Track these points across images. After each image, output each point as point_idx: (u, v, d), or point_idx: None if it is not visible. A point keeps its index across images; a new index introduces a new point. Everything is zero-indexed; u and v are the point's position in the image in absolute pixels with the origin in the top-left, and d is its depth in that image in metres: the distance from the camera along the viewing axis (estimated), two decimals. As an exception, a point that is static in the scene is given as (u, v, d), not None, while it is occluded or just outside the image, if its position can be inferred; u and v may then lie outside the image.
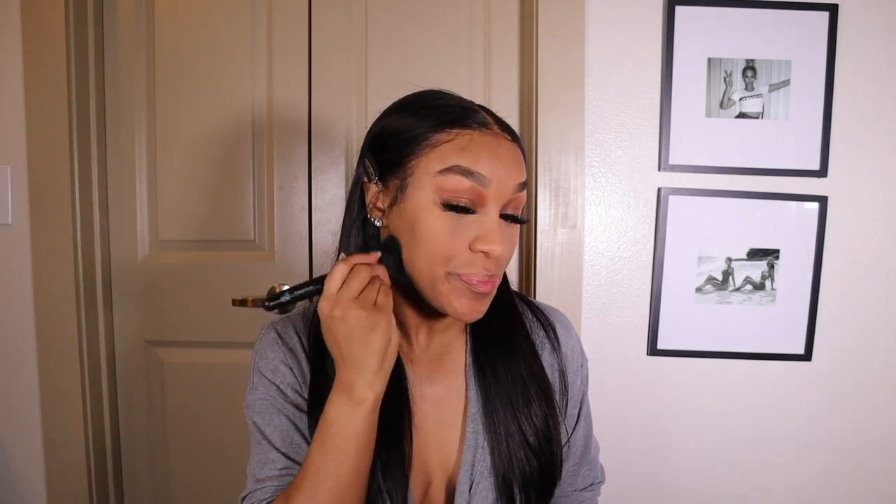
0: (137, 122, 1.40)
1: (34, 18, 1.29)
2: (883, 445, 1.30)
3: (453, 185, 0.64)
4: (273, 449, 0.73)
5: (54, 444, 1.38)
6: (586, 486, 0.87)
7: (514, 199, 0.67)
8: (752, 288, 1.27)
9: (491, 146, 0.65)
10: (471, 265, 0.66)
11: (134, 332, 1.44)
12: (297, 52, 1.37)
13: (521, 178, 0.67)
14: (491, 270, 0.67)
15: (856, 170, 1.25)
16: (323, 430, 0.65)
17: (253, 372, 0.76)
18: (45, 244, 1.33)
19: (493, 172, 0.64)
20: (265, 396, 0.75)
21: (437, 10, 1.35)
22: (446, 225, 0.65)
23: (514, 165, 0.67)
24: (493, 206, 0.66)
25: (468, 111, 0.68)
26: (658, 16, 1.25)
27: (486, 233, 0.65)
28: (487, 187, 0.64)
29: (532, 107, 1.28)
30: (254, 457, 0.74)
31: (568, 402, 0.82)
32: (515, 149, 0.68)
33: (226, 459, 1.43)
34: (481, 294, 0.67)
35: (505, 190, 0.66)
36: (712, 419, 1.31)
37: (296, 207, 1.39)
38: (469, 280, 0.66)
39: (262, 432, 0.74)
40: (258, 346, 0.77)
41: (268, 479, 0.72)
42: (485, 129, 0.66)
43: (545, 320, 0.83)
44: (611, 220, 1.29)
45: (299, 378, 0.75)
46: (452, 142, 0.65)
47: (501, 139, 0.67)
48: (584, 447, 0.86)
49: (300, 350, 0.76)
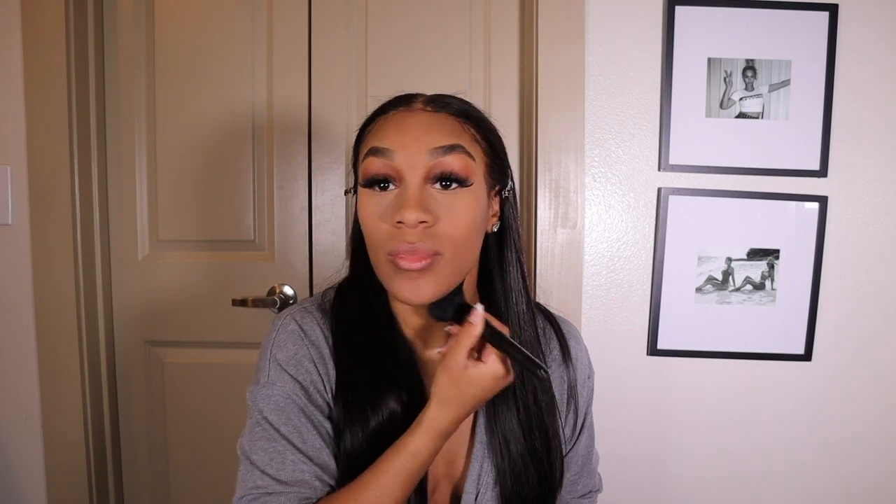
0: (137, 122, 1.40)
1: (34, 18, 1.29)
2: (883, 445, 1.30)
3: (368, 166, 0.67)
4: (294, 450, 0.68)
5: (54, 444, 1.38)
6: (584, 494, 0.87)
7: (436, 163, 0.65)
8: (752, 288, 1.27)
9: (397, 120, 0.67)
10: (392, 239, 0.65)
11: (134, 332, 1.44)
12: (297, 53, 1.37)
13: (437, 141, 0.65)
14: (411, 240, 0.64)
15: (856, 170, 1.25)
16: (408, 467, 0.64)
17: (269, 363, 0.71)
18: (45, 244, 1.33)
19: (397, 143, 0.65)
20: (286, 393, 0.70)
21: (437, 11, 1.35)
22: (371, 206, 0.67)
23: (424, 130, 0.66)
24: (412, 175, 0.65)
25: (397, 100, 0.70)
26: (658, 16, 1.25)
27: (401, 202, 0.65)
28: (393, 159, 0.65)
29: (532, 107, 1.28)
30: (262, 452, 0.69)
31: (573, 413, 0.82)
32: (437, 116, 0.68)
33: (226, 459, 1.43)
34: (412, 271, 0.64)
35: (417, 157, 0.65)
36: (712, 419, 1.31)
37: (296, 207, 1.39)
38: (395, 257, 0.65)
39: (278, 430, 0.69)
40: (276, 337, 0.73)
41: (295, 484, 0.67)
42: (402, 108, 0.68)
43: (559, 330, 0.84)
44: (611, 220, 1.29)
45: (323, 376, 0.71)
46: (372, 131, 0.69)
47: (416, 112, 0.68)
48: (586, 457, 0.86)
49: (324, 345, 0.73)
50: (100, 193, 1.40)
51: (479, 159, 0.69)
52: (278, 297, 1.38)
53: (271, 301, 1.37)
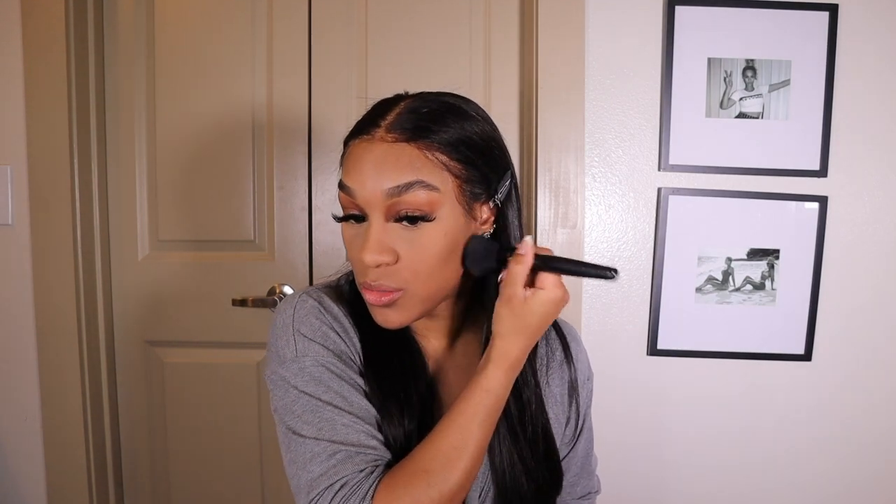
0: (137, 123, 1.40)
1: (34, 18, 1.29)
2: (883, 445, 1.30)
3: (341, 198, 0.67)
4: (343, 412, 0.64)
5: (54, 444, 1.38)
6: (583, 496, 0.87)
7: (393, 203, 0.63)
8: (752, 288, 1.27)
9: (358, 156, 0.65)
10: (360, 274, 0.67)
11: (134, 332, 1.44)
12: (297, 52, 1.37)
13: (392, 180, 0.63)
14: (373, 279, 0.65)
15: (856, 170, 1.25)
16: (485, 403, 0.63)
17: (294, 338, 0.69)
18: (45, 244, 1.33)
19: (356, 181, 0.64)
20: (318, 363, 0.67)
21: (438, 11, 1.34)
22: (347, 235, 0.68)
23: (382, 168, 0.63)
24: (373, 213, 0.64)
25: (365, 122, 0.68)
26: (658, 16, 1.25)
27: (362, 242, 0.65)
28: (355, 197, 0.65)
29: (532, 107, 1.28)
30: (310, 425, 0.63)
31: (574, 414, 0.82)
32: (396, 149, 0.64)
33: (226, 459, 1.43)
34: (376, 305, 0.67)
35: (374, 196, 0.63)
36: (712, 419, 1.31)
37: (296, 207, 1.39)
38: (363, 289, 0.67)
39: (320, 399, 0.65)
40: (296, 314, 0.70)
41: (361, 446, 0.63)
42: (364, 136, 0.66)
43: (560, 332, 0.84)
44: (611, 220, 1.29)
45: (350, 347, 0.70)
46: (344, 158, 0.69)
47: (376, 143, 0.65)
48: (585, 459, 0.86)
49: (345, 320, 0.72)
50: (100, 193, 1.40)
51: (449, 185, 0.65)
52: (278, 297, 1.38)
53: (271, 301, 1.37)
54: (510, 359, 0.65)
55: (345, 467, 0.61)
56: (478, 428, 0.63)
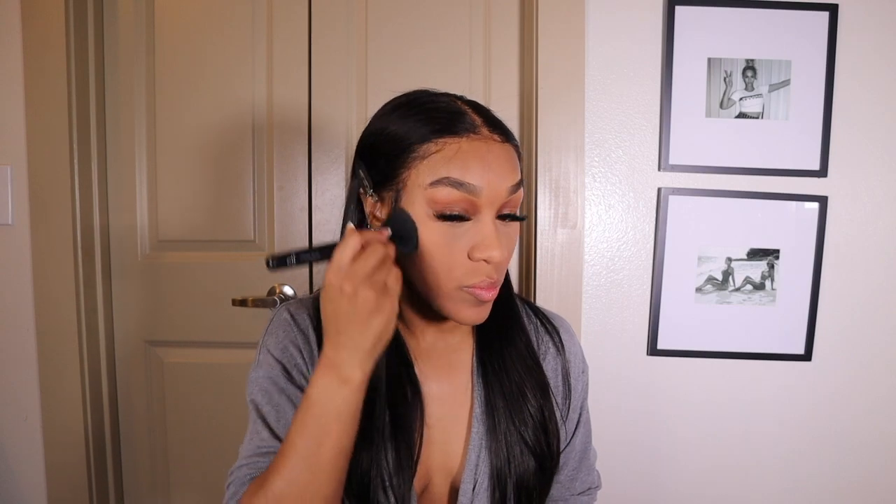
0: (137, 122, 1.40)
1: (34, 18, 1.29)
2: (882, 445, 1.30)
3: (444, 196, 0.63)
4: (266, 427, 0.72)
5: (54, 444, 1.38)
6: (584, 491, 0.87)
7: (509, 200, 0.66)
8: (752, 288, 1.27)
9: (479, 153, 0.64)
10: (473, 275, 0.66)
11: (134, 332, 1.44)
12: (297, 52, 1.37)
13: (514, 179, 0.66)
14: (493, 277, 0.66)
15: (856, 170, 1.25)
16: (304, 410, 0.62)
17: (260, 350, 0.76)
18: (45, 244, 1.33)
19: (483, 180, 0.63)
20: (269, 375, 0.74)
21: (438, 11, 1.35)
22: (443, 236, 0.64)
23: (505, 168, 0.65)
24: (488, 211, 0.65)
25: (455, 116, 0.66)
26: (658, 16, 1.25)
27: (483, 240, 0.64)
28: (479, 196, 0.63)
29: (532, 107, 1.28)
30: (247, 435, 0.74)
31: (570, 406, 0.82)
32: (507, 149, 0.66)
33: (226, 459, 1.43)
34: (486, 301, 0.68)
35: (498, 195, 0.65)
36: (712, 419, 1.31)
37: (296, 207, 1.39)
38: (473, 289, 0.66)
39: (259, 410, 0.73)
40: (269, 326, 0.77)
41: (254, 457, 0.71)
42: (473, 133, 0.65)
43: (549, 324, 0.84)
44: (611, 220, 1.29)
45: (308, 361, 0.74)
46: (441, 152, 0.64)
47: (491, 143, 0.65)
48: (583, 452, 0.86)
49: (312, 334, 0.76)
50: (100, 193, 1.40)
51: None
52: (278, 297, 1.38)
53: (271, 301, 1.37)
54: (325, 359, 0.63)
55: (241, 472, 0.71)
56: (298, 436, 0.63)
